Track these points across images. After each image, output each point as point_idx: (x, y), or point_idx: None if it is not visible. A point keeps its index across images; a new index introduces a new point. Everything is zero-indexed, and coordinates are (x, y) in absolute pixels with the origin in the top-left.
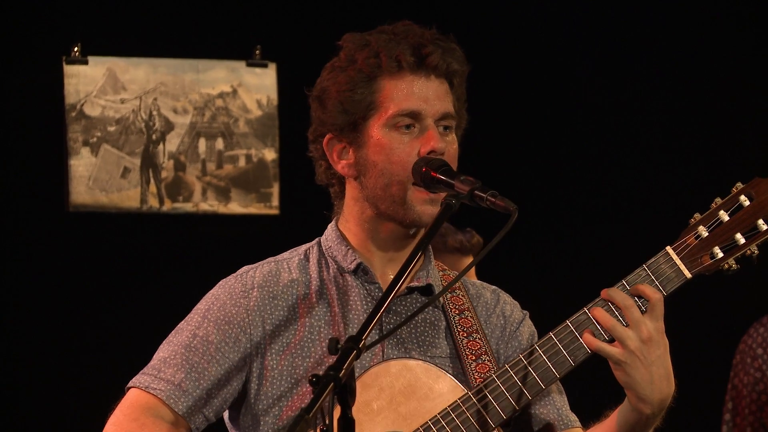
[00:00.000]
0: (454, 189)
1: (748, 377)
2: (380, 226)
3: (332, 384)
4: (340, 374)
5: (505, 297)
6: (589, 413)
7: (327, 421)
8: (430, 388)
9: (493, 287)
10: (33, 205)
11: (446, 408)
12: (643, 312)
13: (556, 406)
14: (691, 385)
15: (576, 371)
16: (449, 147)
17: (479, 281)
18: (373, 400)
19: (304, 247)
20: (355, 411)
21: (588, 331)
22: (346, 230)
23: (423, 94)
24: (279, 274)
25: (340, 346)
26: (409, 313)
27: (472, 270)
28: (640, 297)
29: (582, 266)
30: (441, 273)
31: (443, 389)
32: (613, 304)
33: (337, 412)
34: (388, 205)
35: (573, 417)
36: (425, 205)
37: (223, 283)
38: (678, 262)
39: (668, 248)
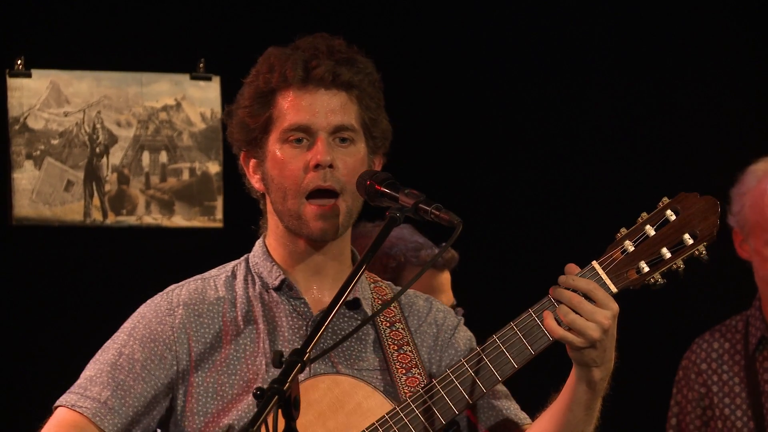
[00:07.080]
0: (399, 202)
1: (692, 393)
2: (294, 240)
3: (276, 397)
4: (284, 387)
5: (438, 305)
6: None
7: None
8: (358, 404)
9: (426, 295)
10: None
11: (395, 408)
12: None
13: (512, 410)
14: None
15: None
16: (345, 159)
17: (413, 290)
18: (301, 416)
19: (232, 263)
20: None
21: (549, 316)
22: (269, 245)
23: (311, 107)
24: (205, 292)
25: (284, 359)
26: (335, 327)
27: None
28: None
29: (507, 282)
30: (372, 285)
31: (372, 405)
32: (558, 302)
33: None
34: (289, 219)
35: (524, 415)
36: (317, 221)
37: (149, 302)
38: (604, 276)
39: (594, 263)
